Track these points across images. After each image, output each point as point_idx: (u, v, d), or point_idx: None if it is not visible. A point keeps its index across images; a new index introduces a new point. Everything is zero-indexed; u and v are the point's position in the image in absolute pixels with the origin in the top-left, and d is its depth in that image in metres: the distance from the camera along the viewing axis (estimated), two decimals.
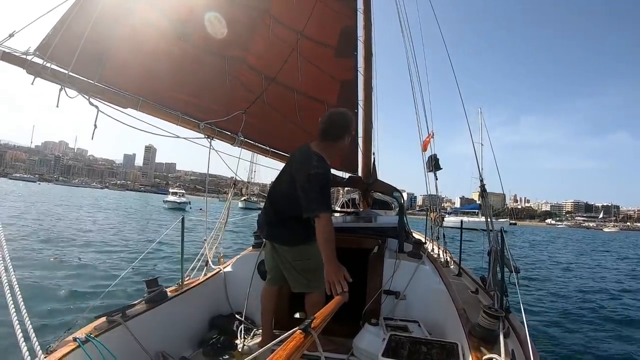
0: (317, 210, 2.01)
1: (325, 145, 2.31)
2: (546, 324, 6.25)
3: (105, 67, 2.37)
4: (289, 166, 2.41)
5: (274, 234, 2.43)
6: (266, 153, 3.71)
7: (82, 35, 2.17)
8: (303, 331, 1.27)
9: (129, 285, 5.44)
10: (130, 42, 2.61)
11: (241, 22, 3.39)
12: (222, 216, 3.56)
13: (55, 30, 2.10)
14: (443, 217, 4.83)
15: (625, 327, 6.52)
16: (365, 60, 4.76)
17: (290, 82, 3.85)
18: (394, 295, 2.82)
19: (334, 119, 2.33)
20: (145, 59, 2.77)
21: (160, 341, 2.24)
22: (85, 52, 2.21)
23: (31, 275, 6.16)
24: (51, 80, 2.10)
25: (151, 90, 2.73)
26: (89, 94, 2.27)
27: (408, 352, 2.01)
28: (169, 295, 2.49)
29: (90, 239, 11.34)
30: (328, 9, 4.16)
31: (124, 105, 2.49)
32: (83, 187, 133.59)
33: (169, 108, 2.80)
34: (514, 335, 2.05)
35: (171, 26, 2.85)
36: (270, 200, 2.46)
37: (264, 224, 2.46)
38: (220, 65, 3.23)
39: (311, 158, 2.19)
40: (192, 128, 3.00)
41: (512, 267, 2.30)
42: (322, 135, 2.32)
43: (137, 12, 2.61)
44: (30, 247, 8.72)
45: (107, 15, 2.34)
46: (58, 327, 3.74)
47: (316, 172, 2.10)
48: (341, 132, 2.32)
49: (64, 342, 1.73)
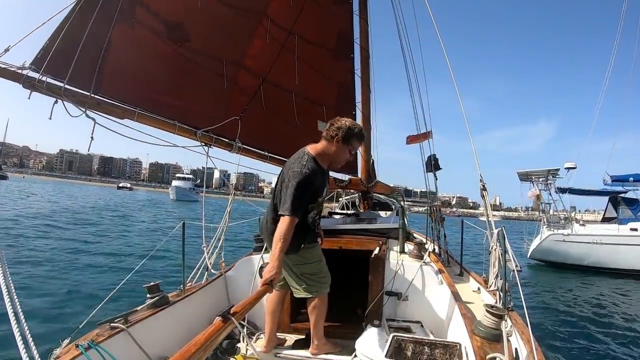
0: (283, 210, 2.06)
1: (323, 147, 2.29)
2: (549, 323, 6.25)
3: (101, 77, 2.37)
4: (284, 169, 2.40)
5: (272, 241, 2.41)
6: (264, 159, 3.68)
7: (77, 47, 2.17)
8: (223, 318, 1.40)
9: (130, 291, 5.42)
10: (126, 51, 2.62)
11: (238, 25, 3.40)
12: (223, 221, 3.55)
13: (50, 43, 2.10)
14: (443, 217, 4.81)
15: (628, 327, 6.52)
16: (363, 62, 4.77)
17: (288, 85, 3.86)
18: (396, 296, 2.82)
19: (335, 120, 2.31)
20: (141, 66, 2.77)
21: (162, 346, 2.23)
22: (81, 64, 2.20)
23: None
24: (47, 94, 2.10)
25: (148, 98, 2.73)
26: (85, 107, 2.27)
27: (411, 353, 2.00)
28: (171, 301, 2.48)
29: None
30: (324, 11, 4.18)
31: (120, 116, 2.49)
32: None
33: (165, 117, 2.79)
34: (517, 334, 2.05)
35: (168, 31, 2.86)
36: (271, 206, 2.43)
37: (264, 230, 2.45)
38: (218, 68, 3.23)
39: (301, 158, 2.20)
40: (189, 136, 2.99)
41: (513, 266, 2.30)
42: (323, 135, 2.31)
43: (132, 20, 2.62)
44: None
45: (102, 25, 2.35)
46: (60, 334, 3.72)
47: (294, 172, 2.12)
48: (336, 133, 2.25)
49: (66, 349, 1.73)
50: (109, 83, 2.45)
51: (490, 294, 2.80)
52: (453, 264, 4.07)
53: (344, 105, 4.49)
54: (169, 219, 21.67)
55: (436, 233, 4.44)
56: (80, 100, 2.25)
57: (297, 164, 2.17)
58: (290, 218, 2.02)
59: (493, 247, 2.65)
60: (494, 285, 2.73)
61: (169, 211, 29.50)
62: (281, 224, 2.03)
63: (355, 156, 4.60)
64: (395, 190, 4.36)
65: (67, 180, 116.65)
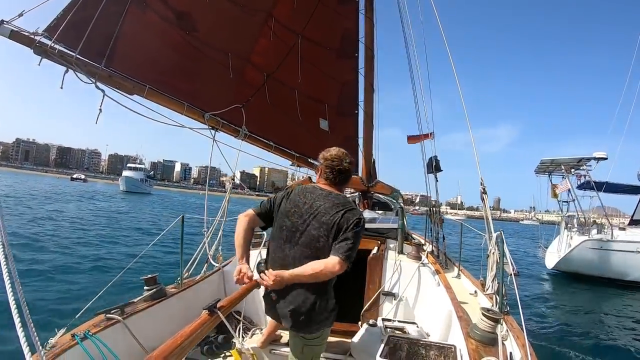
0: (344, 255, 1.70)
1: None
2: (545, 327, 6.23)
3: (113, 53, 2.38)
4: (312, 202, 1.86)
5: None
6: (269, 148, 3.70)
7: (90, 20, 2.18)
8: (209, 311, 1.41)
9: (127, 282, 5.42)
10: (138, 30, 2.62)
11: (245, 22, 3.41)
12: (220, 214, 3.55)
13: (64, 13, 2.12)
14: (443, 219, 4.81)
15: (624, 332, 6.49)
16: (367, 61, 4.76)
17: (292, 82, 3.87)
18: (392, 296, 2.82)
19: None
20: (152, 49, 2.78)
21: (158, 339, 2.22)
22: (94, 37, 2.22)
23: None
24: (58, 61, 2.11)
25: (157, 79, 2.72)
26: (95, 78, 2.27)
27: (406, 353, 2.01)
28: (168, 293, 2.49)
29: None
30: (329, 11, 4.17)
31: (130, 91, 2.49)
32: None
33: (175, 96, 2.79)
34: (512, 338, 2.05)
35: (177, 19, 2.87)
36: (299, 239, 2.01)
37: (279, 259, 2.29)
38: (224, 60, 3.24)
39: (349, 203, 1.87)
40: (197, 118, 2.98)
41: (511, 270, 2.30)
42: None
43: (144, 4, 2.62)
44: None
45: (115, 5, 2.36)
46: (56, 323, 3.73)
47: (358, 219, 1.76)
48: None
49: (62, 338, 1.73)
50: (120, 60, 2.46)
51: (486, 297, 2.80)
52: (451, 266, 4.07)
53: (346, 105, 4.48)
54: (96, 211, 19.28)
55: (435, 235, 4.43)
56: (91, 71, 2.26)
57: (351, 208, 1.78)
58: (347, 266, 1.68)
59: (491, 251, 2.66)
60: (491, 289, 2.73)
61: (100, 204, 24.94)
62: (331, 264, 1.63)
63: (356, 155, 4.60)
64: (396, 190, 4.35)
65: (22, 171, 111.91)
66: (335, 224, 1.68)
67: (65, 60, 2.12)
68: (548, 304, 8.30)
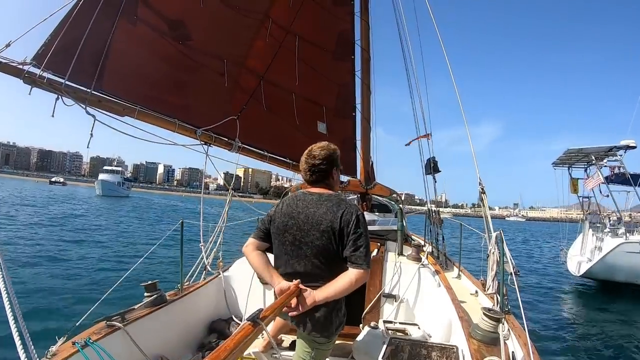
0: (360, 260, 1.70)
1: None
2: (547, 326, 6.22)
3: (102, 73, 2.38)
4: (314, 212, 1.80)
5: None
6: (264, 158, 3.69)
7: (79, 40, 2.18)
8: (252, 322, 1.33)
9: (127, 289, 5.39)
10: (128, 45, 2.62)
11: (240, 26, 3.41)
12: (221, 220, 3.55)
13: (52, 38, 2.11)
14: (442, 220, 4.81)
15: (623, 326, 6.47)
16: (364, 63, 4.77)
17: (288, 85, 3.87)
18: (393, 298, 2.82)
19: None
20: (143, 64, 2.77)
21: (159, 345, 2.23)
22: (82, 60, 2.22)
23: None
24: (48, 89, 2.11)
25: (148, 95, 2.73)
26: (85, 103, 2.27)
27: (408, 355, 2.00)
28: (168, 300, 2.48)
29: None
30: (326, 12, 4.18)
31: (120, 113, 2.50)
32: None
33: (166, 115, 2.80)
34: (514, 338, 2.05)
35: (170, 30, 2.86)
36: (305, 249, 1.94)
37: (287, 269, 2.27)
38: (220, 67, 3.23)
39: (346, 201, 1.85)
40: (189, 135, 2.99)
41: (511, 269, 2.31)
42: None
43: (134, 18, 2.62)
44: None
45: (104, 22, 2.35)
46: (57, 331, 3.72)
47: (361, 214, 1.76)
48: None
49: (63, 346, 1.72)
50: (110, 80, 2.46)
51: (487, 297, 2.80)
52: (451, 267, 4.07)
53: (343, 107, 4.49)
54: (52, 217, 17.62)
55: (434, 235, 4.43)
56: (81, 97, 2.26)
57: (344, 207, 1.73)
58: (368, 272, 1.67)
59: (491, 250, 2.66)
60: (491, 289, 2.73)
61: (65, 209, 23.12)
62: (361, 277, 1.63)
63: (354, 157, 4.60)
64: (395, 192, 4.34)
65: (1, 175, 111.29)
66: (335, 230, 1.67)
67: (55, 88, 2.12)
68: (576, 321, 7.18)
